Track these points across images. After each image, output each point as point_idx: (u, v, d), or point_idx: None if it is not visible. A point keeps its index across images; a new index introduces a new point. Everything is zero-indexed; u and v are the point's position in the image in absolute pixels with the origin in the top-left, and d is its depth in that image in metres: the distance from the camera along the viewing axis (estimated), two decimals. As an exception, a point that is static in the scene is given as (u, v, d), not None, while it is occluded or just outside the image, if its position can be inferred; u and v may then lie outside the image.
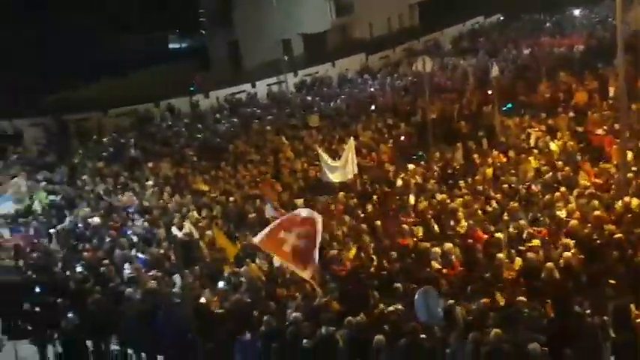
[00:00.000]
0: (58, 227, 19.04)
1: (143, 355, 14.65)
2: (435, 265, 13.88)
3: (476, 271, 13.62)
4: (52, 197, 21.89)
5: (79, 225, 19.14)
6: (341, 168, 18.74)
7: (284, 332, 12.24)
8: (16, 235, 19.28)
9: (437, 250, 14.20)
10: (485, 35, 41.78)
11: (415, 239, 15.28)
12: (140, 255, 16.67)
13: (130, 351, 14.75)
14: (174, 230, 17.36)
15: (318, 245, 12.91)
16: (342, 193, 18.48)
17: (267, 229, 13.46)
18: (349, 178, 18.91)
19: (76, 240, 18.28)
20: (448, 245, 14.28)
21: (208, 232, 17.12)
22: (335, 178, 18.87)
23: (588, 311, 11.36)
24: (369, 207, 17.59)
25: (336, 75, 37.91)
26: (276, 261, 14.44)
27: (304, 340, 11.88)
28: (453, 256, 14.02)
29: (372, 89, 32.75)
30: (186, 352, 13.19)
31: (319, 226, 12.93)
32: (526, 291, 12.39)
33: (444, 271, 13.68)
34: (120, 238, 17.60)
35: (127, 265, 16.04)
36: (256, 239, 13.76)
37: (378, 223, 16.30)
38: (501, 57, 33.26)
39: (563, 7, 43.25)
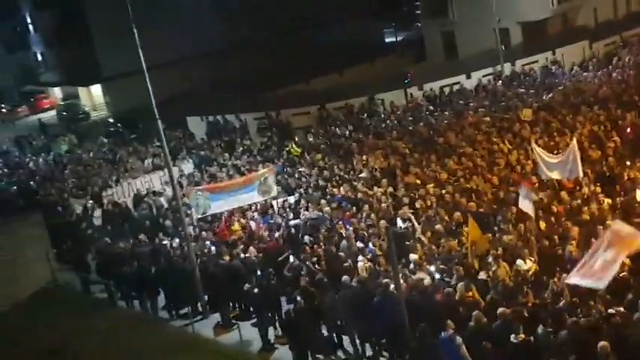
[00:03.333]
0: (296, 222, 19.78)
1: (357, 340, 15.28)
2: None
3: None
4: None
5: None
6: (562, 164, 17.74)
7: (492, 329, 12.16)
8: (262, 226, 20.47)
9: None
10: None
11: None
12: (370, 246, 17.07)
13: (344, 337, 15.47)
14: (398, 222, 17.77)
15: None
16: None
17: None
18: (572, 177, 17.85)
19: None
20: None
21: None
22: (554, 175, 17.94)
23: None
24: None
25: (555, 65, 36.30)
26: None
27: (512, 336, 11.75)
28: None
29: (595, 79, 30.94)
30: (397, 341, 13.51)
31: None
32: None
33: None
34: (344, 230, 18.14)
35: (360, 258, 16.47)
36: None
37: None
38: None
39: None
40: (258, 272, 17.46)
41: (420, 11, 49.20)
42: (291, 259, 17.43)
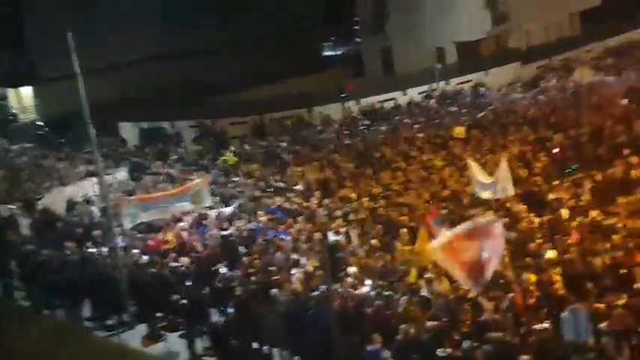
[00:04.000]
0: (230, 232, 19.67)
1: (285, 353, 15.22)
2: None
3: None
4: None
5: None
6: (493, 185, 18.08)
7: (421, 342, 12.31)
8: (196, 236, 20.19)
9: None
10: (630, 52, 39.19)
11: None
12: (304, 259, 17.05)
13: (274, 349, 15.39)
14: (331, 235, 17.85)
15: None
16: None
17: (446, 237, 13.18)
18: (502, 195, 18.21)
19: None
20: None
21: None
22: (486, 195, 18.25)
23: None
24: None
25: (489, 85, 37.30)
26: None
27: (439, 349, 11.92)
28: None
29: (525, 100, 31.90)
30: (327, 354, 13.51)
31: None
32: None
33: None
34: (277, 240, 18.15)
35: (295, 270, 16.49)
36: (435, 245, 13.38)
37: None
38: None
39: None
40: (188, 283, 17.22)
41: (359, 27, 49.77)
42: (223, 270, 17.27)
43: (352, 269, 15.75)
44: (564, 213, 17.46)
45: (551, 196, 18.98)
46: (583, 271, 14.00)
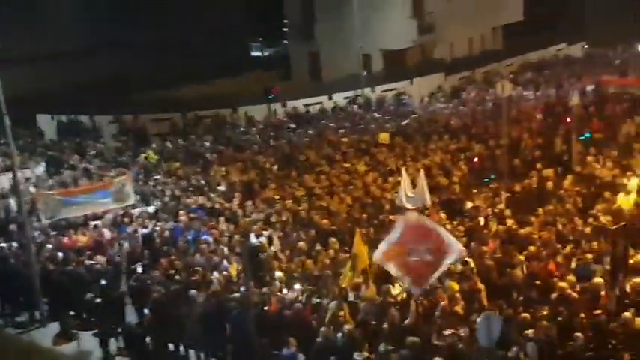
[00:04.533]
0: (150, 231, 19.36)
1: (202, 355, 15.05)
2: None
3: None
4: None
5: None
6: (414, 197, 18.34)
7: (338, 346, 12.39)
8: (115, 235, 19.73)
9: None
10: (549, 68, 40.74)
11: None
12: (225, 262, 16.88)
13: (191, 351, 15.20)
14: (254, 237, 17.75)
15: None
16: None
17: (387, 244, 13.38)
18: (420, 205, 18.49)
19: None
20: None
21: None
22: (408, 205, 18.47)
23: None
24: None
25: (413, 93, 37.97)
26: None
27: (356, 354, 12.02)
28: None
29: (447, 110, 32.63)
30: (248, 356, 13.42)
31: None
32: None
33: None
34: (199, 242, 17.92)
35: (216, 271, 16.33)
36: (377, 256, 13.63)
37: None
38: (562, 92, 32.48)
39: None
40: (103, 281, 16.80)
41: (287, 30, 49.76)
42: (140, 269, 16.93)
43: (278, 273, 15.67)
44: (482, 222, 17.93)
45: (469, 205, 19.43)
46: (503, 281, 14.33)
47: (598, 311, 12.62)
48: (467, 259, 15.12)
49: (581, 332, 11.87)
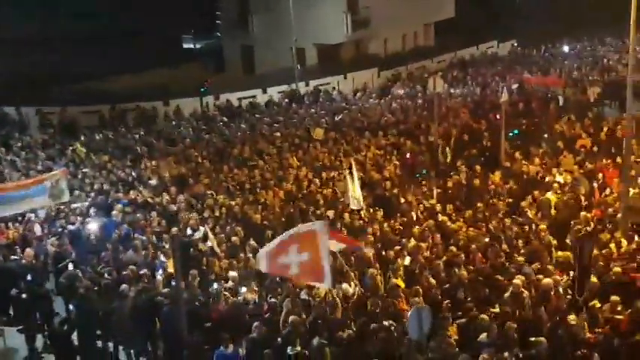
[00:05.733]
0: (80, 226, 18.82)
1: (133, 352, 14.80)
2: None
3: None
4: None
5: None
6: (354, 196, 18.40)
7: (274, 340, 12.36)
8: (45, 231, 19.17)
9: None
10: (474, 66, 41.59)
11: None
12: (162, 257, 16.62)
13: (120, 347, 14.92)
14: (189, 231, 17.52)
15: (326, 255, 12.55)
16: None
17: (266, 254, 13.17)
18: (357, 206, 18.42)
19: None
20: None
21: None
22: (353, 206, 18.56)
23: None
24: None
25: (346, 88, 38.21)
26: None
27: (289, 348, 12.02)
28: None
29: (380, 106, 32.95)
30: (179, 353, 13.25)
31: (323, 237, 12.56)
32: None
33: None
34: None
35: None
36: (261, 267, 13.47)
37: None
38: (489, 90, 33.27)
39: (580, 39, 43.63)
40: (29, 277, 16.31)
41: (221, 22, 49.31)
42: (70, 266, 16.49)
43: (233, 274, 15.43)
44: (414, 216, 18.20)
45: (402, 200, 19.68)
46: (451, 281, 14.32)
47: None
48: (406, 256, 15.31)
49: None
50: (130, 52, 44.34)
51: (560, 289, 13.46)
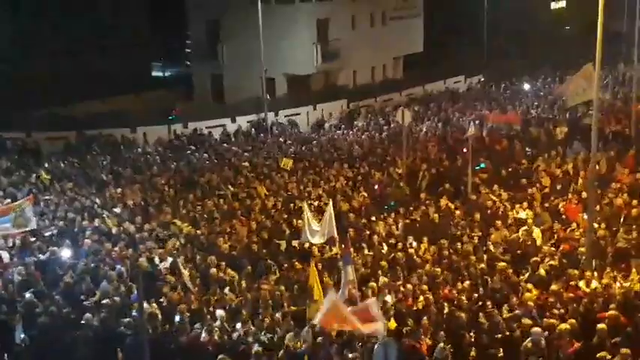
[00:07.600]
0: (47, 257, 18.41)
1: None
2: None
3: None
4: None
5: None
6: (320, 231, 18.16)
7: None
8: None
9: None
10: (435, 101, 41.85)
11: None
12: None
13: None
14: (157, 261, 17.25)
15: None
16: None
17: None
18: (326, 239, 18.03)
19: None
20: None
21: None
22: (315, 240, 18.28)
23: None
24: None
25: (315, 119, 38.40)
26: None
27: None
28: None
29: (349, 137, 33.10)
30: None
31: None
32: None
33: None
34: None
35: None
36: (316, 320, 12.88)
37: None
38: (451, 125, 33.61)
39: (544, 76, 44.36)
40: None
41: (191, 50, 49.29)
42: (27, 295, 16.07)
43: (220, 312, 14.89)
44: (385, 248, 18.11)
45: (369, 232, 19.62)
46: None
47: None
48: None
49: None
50: (98, 78, 44.01)
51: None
